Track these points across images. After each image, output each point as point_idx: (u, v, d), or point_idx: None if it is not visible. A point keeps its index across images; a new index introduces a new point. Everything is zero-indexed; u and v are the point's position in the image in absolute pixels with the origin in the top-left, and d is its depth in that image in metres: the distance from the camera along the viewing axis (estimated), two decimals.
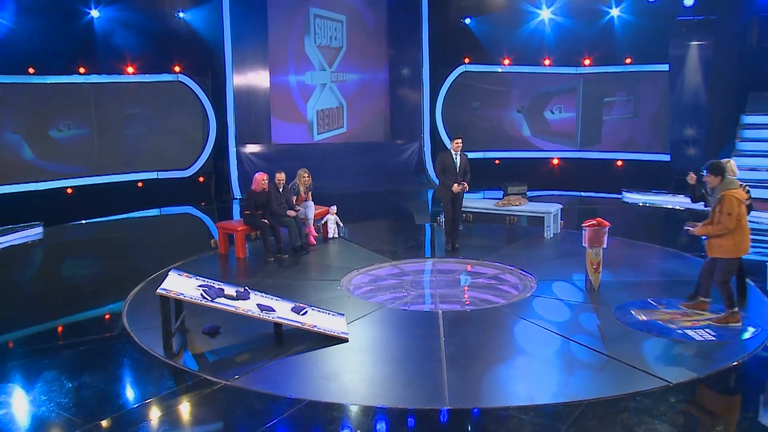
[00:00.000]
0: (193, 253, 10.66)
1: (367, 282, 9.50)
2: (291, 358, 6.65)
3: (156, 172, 15.84)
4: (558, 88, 17.77)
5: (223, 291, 6.94)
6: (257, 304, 6.99)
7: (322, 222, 11.42)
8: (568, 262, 9.83)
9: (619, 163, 17.23)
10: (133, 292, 8.58)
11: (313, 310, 7.36)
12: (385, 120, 18.05)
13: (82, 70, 14.89)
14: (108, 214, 13.94)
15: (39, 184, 14.47)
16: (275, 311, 6.99)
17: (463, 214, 11.56)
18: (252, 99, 16.78)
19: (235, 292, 7.04)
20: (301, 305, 7.27)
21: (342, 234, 11.59)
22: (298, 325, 6.94)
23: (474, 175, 10.89)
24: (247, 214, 10.33)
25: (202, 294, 6.75)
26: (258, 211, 10.22)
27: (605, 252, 8.68)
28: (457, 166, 10.31)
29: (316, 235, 11.12)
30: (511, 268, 9.79)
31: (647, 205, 14.67)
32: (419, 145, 17.66)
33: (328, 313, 7.43)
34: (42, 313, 8.38)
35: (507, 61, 17.55)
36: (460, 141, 10.46)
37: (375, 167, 17.26)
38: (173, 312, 7.11)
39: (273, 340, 7.03)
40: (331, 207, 11.53)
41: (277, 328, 7.06)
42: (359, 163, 17.17)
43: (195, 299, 6.71)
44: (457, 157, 10.35)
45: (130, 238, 12.48)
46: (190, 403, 5.82)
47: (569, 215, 12.26)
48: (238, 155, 16.32)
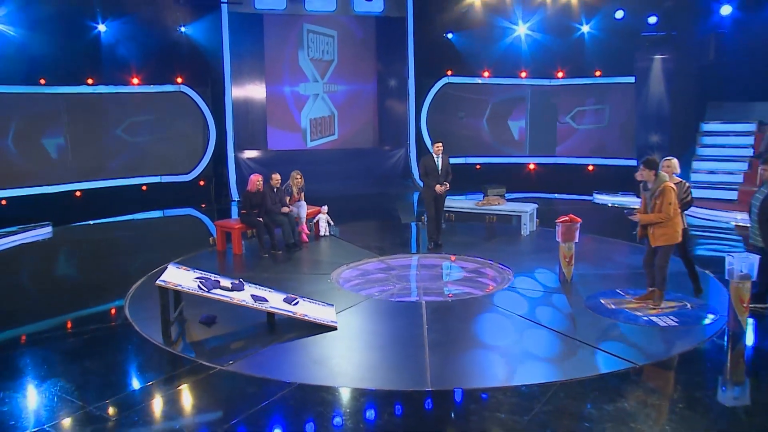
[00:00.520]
0: (192, 250, 10.58)
1: (355, 276, 9.44)
2: (283, 345, 6.58)
3: (159, 177, 15.72)
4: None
5: (218, 283, 6.86)
6: (251, 295, 6.91)
7: (314, 221, 11.36)
8: (543, 256, 9.81)
9: (591, 168, 17.25)
10: (135, 286, 8.49)
11: (304, 300, 7.29)
12: (373, 128, 18.01)
13: (90, 81, 14.77)
14: (114, 215, 13.84)
15: (49, 187, 14.32)
16: (268, 301, 6.91)
17: (446, 214, 11.52)
18: (249, 108, 16.71)
19: (231, 283, 6.96)
20: (292, 296, 7.20)
21: (333, 232, 11.54)
22: (290, 314, 6.87)
23: (456, 178, 10.86)
24: (243, 213, 10.24)
25: (199, 285, 6.67)
26: (254, 210, 10.14)
27: (577, 246, 8.71)
28: (439, 168, 10.26)
29: (308, 233, 11.05)
30: (490, 262, 9.76)
31: (616, 205, 14.70)
32: (405, 151, 17.63)
33: (319, 304, 7.37)
34: (50, 304, 8.30)
35: (486, 73, 17.54)
36: (441, 145, 10.42)
37: (364, 171, 17.22)
38: (172, 303, 7.03)
39: (266, 328, 6.95)
40: (323, 207, 11.47)
41: (270, 318, 6.98)
42: (350, 168, 17.13)
43: (192, 290, 6.62)
44: (438, 160, 10.30)
45: (134, 237, 12.35)
46: (187, 387, 5.74)
47: (544, 214, 12.24)
48: (237, 160, 16.24)
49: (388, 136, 17.98)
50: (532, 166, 17.84)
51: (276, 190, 10.45)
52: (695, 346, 6.55)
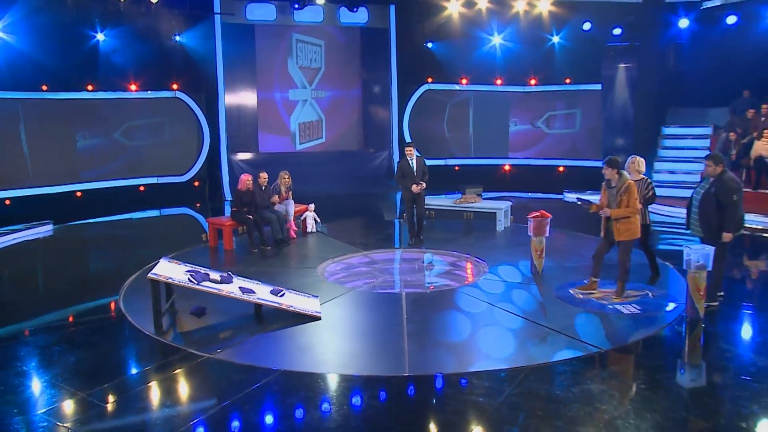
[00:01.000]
0: (186, 246, 10.43)
1: (340, 269, 9.34)
2: (269, 334, 6.49)
3: (156, 178, 15.52)
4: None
5: (208, 276, 6.76)
6: (239, 287, 6.81)
7: (302, 218, 11.26)
8: (516, 250, 9.76)
9: (561, 169, 17.25)
10: (129, 280, 8.34)
11: (290, 292, 7.20)
12: (358, 131, 17.93)
13: (90, 87, 14.57)
14: (113, 214, 13.62)
15: (50, 188, 14.10)
16: (255, 293, 6.81)
17: (427, 211, 11.43)
18: (241, 113, 16.57)
19: (220, 276, 6.85)
20: (279, 288, 7.11)
21: (319, 229, 11.43)
22: (276, 305, 6.78)
23: (436, 179, 10.78)
24: (234, 211, 10.12)
25: (189, 278, 6.56)
26: (244, 208, 10.02)
27: (548, 240, 8.70)
28: (414, 169, 10.11)
29: (296, 230, 10.94)
30: (467, 256, 9.71)
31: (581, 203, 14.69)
32: (389, 153, 17.56)
33: (304, 295, 7.27)
34: (49, 298, 8.20)
35: (464, 80, 17.50)
36: (411, 148, 10.31)
37: (350, 172, 17.12)
38: (164, 295, 6.91)
39: (254, 319, 6.86)
40: (310, 205, 11.38)
41: (258, 309, 6.90)
42: (336, 169, 17.04)
43: (182, 283, 6.52)
44: (413, 162, 10.14)
45: (132, 235, 12.19)
46: (176, 374, 5.64)
47: (518, 212, 12.20)
48: (229, 162, 16.07)
49: (373, 139, 17.90)
50: (507, 167, 17.81)
51: (264, 188, 10.35)
52: (656, 332, 6.56)
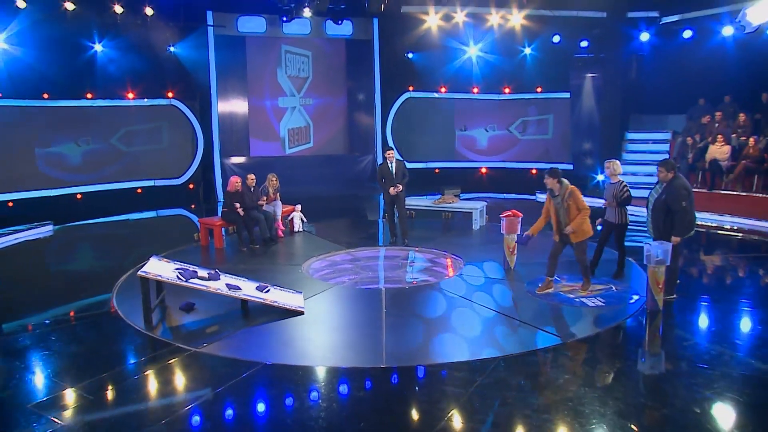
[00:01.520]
0: (179, 245, 10.27)
1: (324, 266, 9.23)
2: (254, 329, 6.37)
3: (153, 180, 15.28)
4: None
5: (196, 273, 6.62)
6: (226, 284, 6.68)
7: (289, 218, 11.12)
8: (490, 247, 9.68)
9: (534, 171, 17.20)
10: (123, 277, 8.17)
11: (275, 288, 7.07)
12: (344, 136, 17.78)
13: (89, 95, 14.32)
14: (111, 215, 13.43)
15: (52, 190, 13.85)
16: (241, 289, 6.69)
17: (408, 211, 11.33)
18: (233, 119, 16.36)
19: (207, 274, 6.71)
20: (264, 284, 6.97)
21: (306, 228, 11.30)
22: (261, 300, 6.65)
23: (417, 181, 10.66)
24: (224, 211, 9.96)
25: (177, 275, 6.42)
26: (234, 206, 9.83)
27: (519, 237, 8.59)
28: (393, 173, 9.98)
29: (283, 229, 10.79)
30: (445, 253, 9.62)
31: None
32: (373, 157, 17.42)
33: (289, 291, 7.15)
34: (45, 295, 7.98)
35: (443, 88, 17.43)
36: (391, 152, 10.19)
37: (336, 175, 16.98)
38: (155, 292, 6.76)
39: (240, 314, 6.72)
40: (297, 205, 11.24)
41: (244, 304, 6.75)
42: (323, 172, 16.90)
43: (171, 280, 6.37)
44: (392, 165, 10.00)
45: (128, 235, 12.01)
46: (163, 368, 5.50)
47: (493, 211, 12.14)
48: (222, 166, 15.87)
49: (357, 143, 17.77)
50: (484, 170, 17.76)
51: (253, 189, 10.20)
52: (618, 324, 6.52)
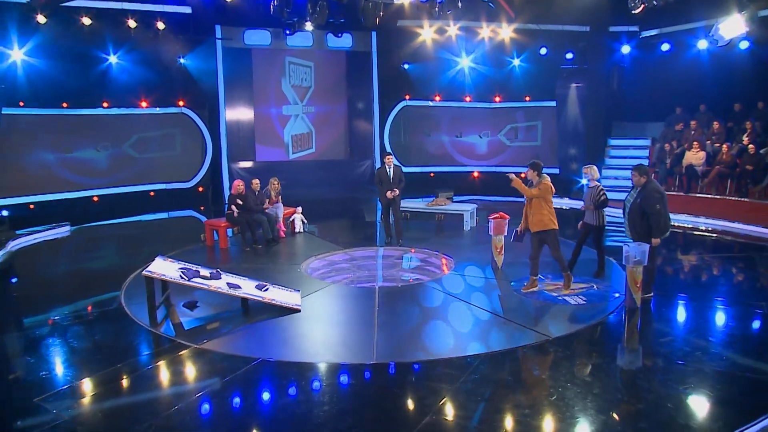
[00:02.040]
0: (187, 245, 10.18)
1: (322, 266, 9.12)
2: (252, 326, 6.27)
3: (164, 184, 15.19)
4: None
5: (198, 272, 6.52)
6: (227, 283, 6.59)
7: (291, 220, 11.02)
8: (480, 247, 9.58)
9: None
10: (131, 276, 8.06)
11: (274, 287, 6.97)
12: (344, 142, 17.66)
13: (105, 104, 14.24)
14: (125, 216, 13.34)
15: (70, 193, 13.78)
16: (241, 288, 6.60)
17: (403, 213, 11.22)
18: (240, 126, 16.26)
19: (209, 273, 6.62)
20: (263, 283, 6.88)
21: (306, 229, 11.20)
22: (260, 299, 6.56)
23: (413, 184, 10.53)
24: (228, 213, 9.86)
25: (180, 275, 6.33)
26: (237, 208, 9.74)
27: (506, 239, 8.49)
28: (391, 177, 9.87)
29: (285, 230, 10.70)
30: (436, 252, 9.52)
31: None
32: (371, 161, 17.32)
33: (287, 290, 7.05)
34: (59, 291, 7.90)
35: (437, 97, 17.34)
36: (391, 157, 10.11)
37: (337, 179, 16.88)
38: (160, 290, 6.66)
39: (240, 311, 6.62)
40: (298, 207, 11.15)
41: (244, 302, 6.65)
42: (324, 176, 16.77)
43: (174, 279, 6.28)
44: (390, 170, 9.91)
45: (140, 235, 11.91)
46: (164, 362, 5.42)
47: (484, 213, 12.02)
48: (230, 170, 15.77)
49: (357, 149, 17.66)
50: (476, 174, 17.63)
51: (257, 193, 10.10)
52: (598, 321, 6.42)
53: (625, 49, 14.44)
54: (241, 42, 15.58)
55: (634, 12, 9.58)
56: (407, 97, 17.29)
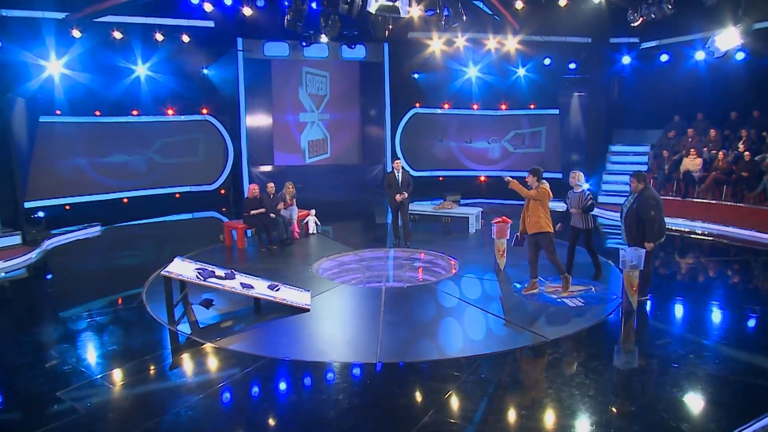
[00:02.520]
0: (208, 244, 10.18)
1: (333, 266, 9.04)
2: (263, 324, 6.21)
3: (189, 186, 15.26)
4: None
5: (214, 273, 6.48)
6: (240, 283, 6.54)
7: (304, 222, 10.96)
8: (483, 250, 9.47)
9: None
10: (154, 275, 8.04)
11: (285, 287, 6.91)
12: (357, 148, 17.59)
13: (134, 112, 14.33)
14: (152, 217, 13.41)
15: (101, 195, 13.89)
16: (254, 288, 6.54)
17: (411, 216, 11.13)
18: (260, 132, 16.25)
19: (224, 273, 6.58)
20: (275, 283, 6.82)
21: (319, 231, 11.13)
22: (271, 298, 6.50)
23: (423, 188, 10.41)
24: (245, 216, 9.84)
25: (197, 275, 6.29)
26: (253, 212, 9.71)
27: (509, 242, 8.35)
28: (399, 181, 9.77)
29: (298, 231, 10.65)
30: (442, 254, 9.40)
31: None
32: (383, 166, 17.22)
33: (297, 289, 6.99)
34: (87, 289, 7.91)
35: (446, 105, 17.20)
36: (399, 162, 10.03)
37: (350, 182, 16.81)
38: (178, 289, 6.63)
39: (253, 310, 6.57)
40: (311, 210, 11.09)
41: (257, 302, 6.59)
42: (339, 179, 16.73)
43: (191, 279, 6.24)
44: (398, 175, 9.81)
45: (165, 235, 11.95)
46: (178, 359, 5.40)
47: (489, 216, 11.87)
48: (250, 174, 15.78)
49: (369, 154, 17.56)
50: (483, 178, 17.45)
51: (272, 196, 10.06)
52: (595, 323, 6.26)
53: (626, 59, 14.20)
54: (261, 53, 15.58)
55: (633, 25, 9.40)
56: (417, 104, 17.17)
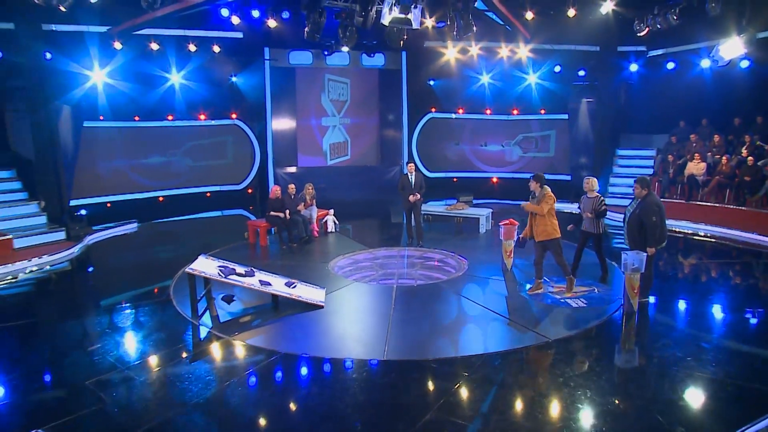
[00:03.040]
0: (233, 241, 10.23)
1: (348, 264, 8.97)
2: (279, 320, 6.19)
3: (219, 186, 15.38)
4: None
5: (234, 270, 6.47)
6: (259, 280, 6.52)
7: (323, 221, 10.94)
8: (492, 250, 9.29)
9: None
10: (181, 270, 8.02)
11: (301, 284, 6.89)
12: (376, 150, 17.46)
13: (170, 117, 14.49)
14: (186, 214, 13.55)
15: (139, 194, 14.09)
16: (272, 285, 6.52)
17: (425, 216, 11.03)
18: (285, 136, 16.26)
19: (244, 271, 6.57)
20: (292, 281, 6.80)
21: (338, 229, 11.10)
22: (287, 295, 6.48)
23: (438, 188, 10.27)
24: (267, 215, 9.85)
25: (218, 272, 6.29)
26: (274, 213, 9.72)
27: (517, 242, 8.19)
28: (413, 183, 9.67)
29: (318, 230, 10.63)
30: (452, 253, 9.27)
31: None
32: (400, 168, 17.08)
33: (313, 286, 6.95)
34: (122, 282, 8.01)
35: (461, 110, 16.99)
36: (413, 165, 9.91)
37: (369, 183, 16.70)
38: (202, 284, 6.65)
39: (270, 306, 6.56)
40: (330, 210, 11.06)
41: (275, 298, 6.59)
42: (358, 180, 16.64)
43: (213, 276, 6.25)
44: (412, 177, 9.69)
45: (196, 231, 12.06)
46: (199, 352, 5.41)
47: (499, 216, 11.68)
48: (275, 174, 15.84)
49: (387, 156, 17.43)
50: (495, 180, 17.22)
51: (293, 197, 10.06)
52: (596, 324, 6.08)
53: (633, 67, 13.84)
54: (286, 62, 15.59)
55: (639, 35, 9.12)
56: (433, 109, 17.01)
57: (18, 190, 11.21)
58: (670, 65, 13.12)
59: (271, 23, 11.45)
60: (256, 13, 11.74)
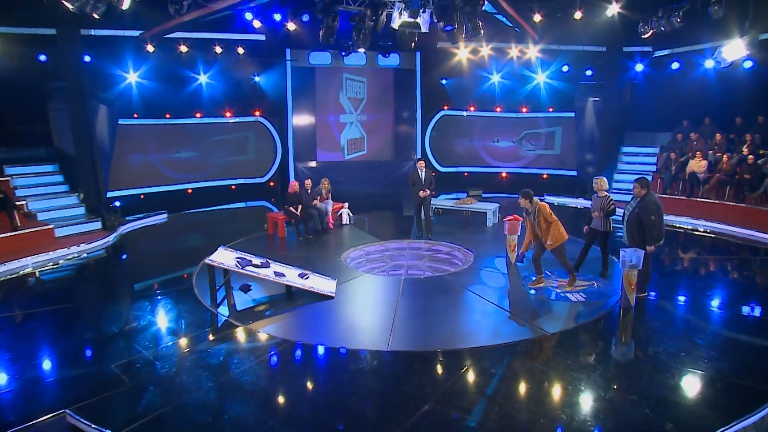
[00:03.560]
0: (254, 232, 10.27)
1: (359, 256, 8.93)
2: (292, 310, 6.20)
3: (243, 179, 15.47)
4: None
5: (251, 261, 6.49)
6: (274, 272, 6.53)
7: (339, 213, 10.90)
8: (498, 243, 9.16)
9: (545, 176, 16.29)
10: (205, 260, 8.10)
11: (314, 275, 6.88)
12: (391, 146, 17.31)
13: (198, 114, 14.58)
14: (212, 205, 13.64)
15: (169, 186, 14.24)
16: (285, 276, 6.53)
17: (435, 209, 10.91)
18: (305, 132, 16.23)
19: (260, 262, 6.59)
20: (305, 272, 6.79)
21: (352, 222, 11.06)
22: (299, 286, 6.49)
23: (449, 182, 10.12)
24: (285, 208, 9.86)
25: (236, 264, 6.32)
26: (292, 206, 9.73)
27: (519, 238, 8.03)
28: (423, 179, 9.57)
29: (333, 223, 10.61)
30: (459, 246, 9.16)
31: (558, 204, 13.82)
32: (414, 162, 16.84)
33: (325, 278, 6.94)
34: (149, 270, 8.11)
35: (472, 108, 16.74)
36: (422, 162, 9.77)
37: (384, 176, 16.59)
38: (222, 274, 6.70)
39: (284, 296, 6.58)
40: (345, 203, 11.01)
41: (288, 288, 6.60)
42: (374, 174, 16.54)
43: (230, 267, 6.28)
44: (422, 173, 9.59)
45: (222, 222, 12.11)
46: (215, 339, 5.44)
47: (507, 210, 11.50)
48: (296, 168, 15.86)
49: (402, 151, 17.28)
50: (504, 174, 16.96)
51: (309, 191, 10.04)
52: (594, 319, 5.96)
53: (639, 67, 13.41)
54: (306, 62, 15.51)
55: (643, 36, 8.81)
56: (446, 107, 16.80)
57: (60, 183, 11.46)
58: (675, 65, 12.68)
59: (291, 26, 11.40)
60: (277, 17, 11.68)
